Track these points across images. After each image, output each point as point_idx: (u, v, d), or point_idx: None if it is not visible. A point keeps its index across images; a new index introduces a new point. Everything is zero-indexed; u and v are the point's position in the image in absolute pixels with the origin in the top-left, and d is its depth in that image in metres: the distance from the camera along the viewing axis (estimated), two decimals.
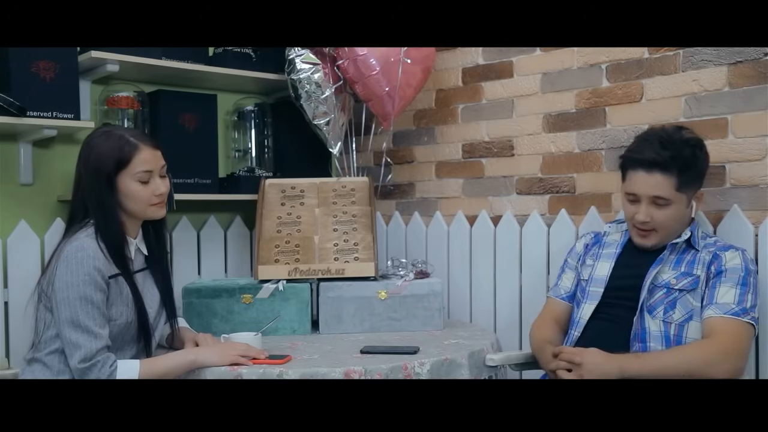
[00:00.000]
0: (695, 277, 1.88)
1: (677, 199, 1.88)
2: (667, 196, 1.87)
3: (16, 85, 2.22)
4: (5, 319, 2.36)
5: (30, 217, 2.44)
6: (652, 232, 1.92)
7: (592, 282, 2.03)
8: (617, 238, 2.08)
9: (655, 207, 1.89)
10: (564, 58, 2.49)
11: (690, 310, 1.87)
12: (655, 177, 1.87)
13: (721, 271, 1.86)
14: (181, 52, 2.63)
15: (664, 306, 1.88)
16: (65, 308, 1.77)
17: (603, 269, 2.03)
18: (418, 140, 2.97)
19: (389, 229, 3.03)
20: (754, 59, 2.07)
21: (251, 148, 2.91)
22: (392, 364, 1.87)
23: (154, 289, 1.98)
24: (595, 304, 1.99)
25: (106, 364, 1.76)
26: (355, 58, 2.57)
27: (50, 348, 1.83)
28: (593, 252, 2.11)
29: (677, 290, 1.88)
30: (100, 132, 1.93)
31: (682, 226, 1.94)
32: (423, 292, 2.37)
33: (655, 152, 1.86)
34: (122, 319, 1.86)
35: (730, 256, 1.88)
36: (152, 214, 1.93)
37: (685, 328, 1.86)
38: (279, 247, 2.46)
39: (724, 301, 1.82)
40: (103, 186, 1.85)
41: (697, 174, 1.91)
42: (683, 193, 1.88)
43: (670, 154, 1.85)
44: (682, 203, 1.90)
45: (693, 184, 1.90)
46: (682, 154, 1.86)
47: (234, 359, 1.87)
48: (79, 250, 1.80)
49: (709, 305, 1.84)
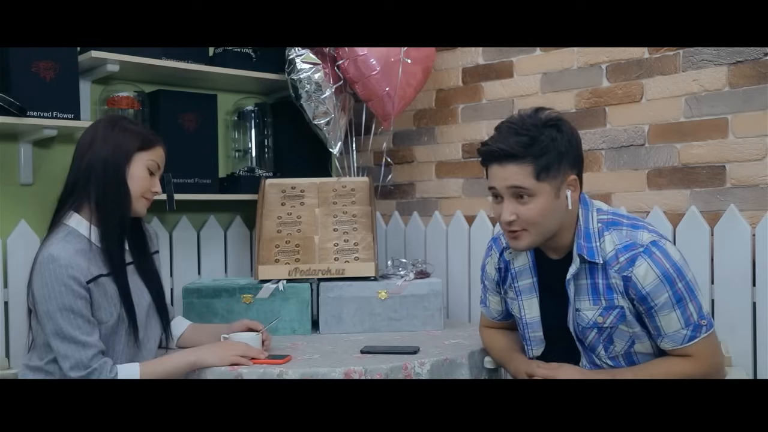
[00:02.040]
0: (619, 308, 1.68)
1: (540, 189, 1.64)
2: (525, 186, 1.64)
3: (16, 85, 2.22)
4: (5, 319, 2.36)
5: (30, 217, 2.44)
6: (523, 233, 1.69)
7: (529, 327, 1.84)
8: (525, 262, 1.83)
9: (517, 203, 1.66)
10: (564, 58, 2.49)
11: (628, 336, 1.71)
12: (509, 168, 1.65)
13: (644, 298, 1.64)
14: (181, 52, 2.63)
15: (602, 344, 1.73)
16: (48, 321, 1.75)
17: (532, 309, 1.83)
18: (418, 140, 2.97)
19: (389, 229, 3.03)
20: (754, 59, 2.07)
21: (251, 148, 2.91)
22: (392, 364, 1.87)
23: (143, 287, 1.95)
24: (542, 348, 1.84)
25: (105, 369, 1.75)
26: (355, 58, 2.57)
27: (49, 357, 1.81)
28: (509, 283, 1.88)
29: (608, 327, 1.70)
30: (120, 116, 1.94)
31: (556, 220, 1.69)
32: (423, 292, 2.37)
33: (505, 141, 1.65)
34: (112, 320, 1.83)
35: (641, 273, 1.63)
36: (139, 208, 1.90)
37: (632, 354, 1.73)
38: (279, 247, 2.46)
39: (673, 331, 1.65)
40: (121, 158, 1.85)
41: (558, 157, 1.65)
42: (546, 182, 1.64)
43: (521, 140, 1.64)
44: (548, 194, 1.65)
45: (556, 170, 1.65)
46: (537, 138, 1.64)
47: (234, 359, 1.87)
48: (51, 261, 1.75)
49: (659, 337, 1.67)
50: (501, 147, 1.65)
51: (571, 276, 1.70)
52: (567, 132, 1.68)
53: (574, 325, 1.74)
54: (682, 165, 2.22)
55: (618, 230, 1.69)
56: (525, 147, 1.63)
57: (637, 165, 2.32)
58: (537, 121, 1.67)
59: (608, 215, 1.74)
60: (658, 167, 2.27)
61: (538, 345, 1.84)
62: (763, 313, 2.02)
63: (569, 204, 1.68)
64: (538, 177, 1.64)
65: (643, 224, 1.72)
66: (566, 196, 1.68)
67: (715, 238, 2.11)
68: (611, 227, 1.70)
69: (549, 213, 1.67)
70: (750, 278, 2.04)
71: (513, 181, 1.65)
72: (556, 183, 1.66)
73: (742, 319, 2.04)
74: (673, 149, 2.24)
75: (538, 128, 1.66)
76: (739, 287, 2.05)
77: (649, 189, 2.29)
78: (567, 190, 1.68)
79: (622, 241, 1.68)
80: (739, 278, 2.05)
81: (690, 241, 2.13)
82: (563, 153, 1.66)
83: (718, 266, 2.09)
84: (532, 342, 1.85)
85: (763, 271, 2.01)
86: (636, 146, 2.32)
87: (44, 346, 1.82)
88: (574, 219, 1.72)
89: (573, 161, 1.69)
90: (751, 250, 2.04)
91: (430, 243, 2.86)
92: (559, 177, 1.66)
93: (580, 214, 1.72)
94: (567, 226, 1.72)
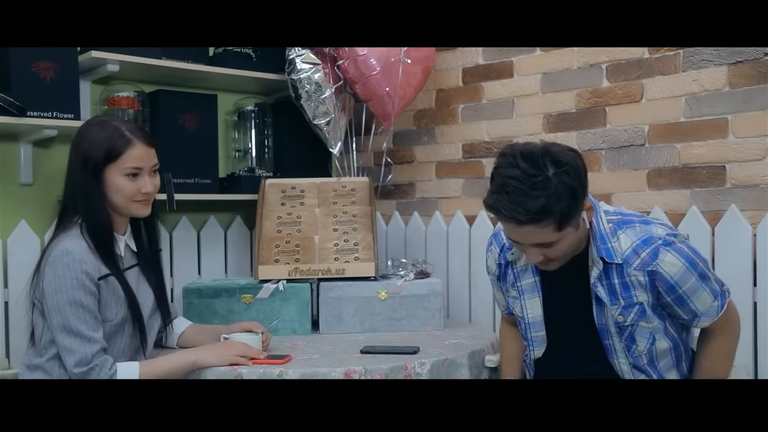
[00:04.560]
0: (639, 305, 1.68)
1: (563, 235, 1.59)
2: (549, 241, 1.59)
3: (16, 85, 2.22)
4: (5, 319, 2.37)
5: (30, 217, 2.44)
6: (552, 262, 1.67)
7: (531, 327, 1.83)
8: (527, 262, 1.80)
9: (542, 249, 1.62)
10: (564, 58, 2.49)
11: (649, 333, 1.71)
12: (528, 229, 1.56)
13: (673, 287, 1.65)
14: (181, 52, 2.63)
15: (624, 344, 1.73)
16: (56, 314, 1.76)
17: (534, 309, 1.82)
18: (418, 140, 2.97)
19: (389, 229, 3.03)
20: (754, 59, 2.07)
21: (251, 148, 2.91)
22: (392, 364, 1.87)
23: (148, 287, 1.96)
24: (543, 348, 1.84)
25: (105, 367, 1.75)
26: (355, 58, 2.57)
27: (50, 354, 1.82)
28: (512, 282, 1.86)
29: (629, 325, 1.71)
30: (96, 120, 1.91)
31: (581, 241, 1.69)
32: (423, 292, 2.37)
33: (518, 207, 1.52)
34: (118, 318, 1.85)
35: (667, 264, 1.63)
36: (135, 211, 1.89)
37: (653, 352, 1.74)
38: (279, 247, 2.46)
39: (707, 307, 1.69)
40: (89, 176, 1.83)
41: (573, 199, 1.56)
42: (568, 227, 1.59)
43: (536, 205, 1.52)
44: (572, 232, 1.61)
45: (576, 210, 1.58)
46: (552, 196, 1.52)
47: (233, 359, 1.87)
48: (65, 254, 1.77)
49: (696, 318, 1.71)
50: (515, 215, 1.53)
51: (595, 279, 1.70)
52: (573, 167, 1.56)
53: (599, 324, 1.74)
54: (682, 165, 2.22)
55: (632, 227, 1.69)
56: (542, 212, 1.53)
57: (637, 165, 2.32)
58: (546, 173, 1.53)
59: (617, 215, 1.74)
60: (659, 167, 2.27)
61: (539, 345, 1.84)
62: (763, 313, 2.02)
63: (587, 225, 1.67)
64: (560, 229, 1.57)
65: (653, 220, 1.74)
66: (583, 219, 1.65)
67: (715, 238, 2.11)
68: (624, 225, 1.70)
69: (573, 245, 1.66)
70: (751, 278, 2.04)
71: (535, 240, 1.59)
72: (576, 220, 1.60)
73: (742, 319, 2.02)
74: (673, 149, 2.24)
75: (550, 182, 1.53)
76: (739, 287, 2.04)
77: (650, 189, 2.29)
78: (584, 216, 1.65)
79: (639, 236, 1.67)
80: (739, 278, 2.05)
81: (691, 242, 2.12)
82: (578, 193, 1.57)
83: (719, 266, 2.09)
84: (534, 342, 1.85)
85: (763, 271, 2.01)
86: (636, 146, 2.32)
87: (47, 343, 1.82)
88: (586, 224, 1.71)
89: (584, 191, 1.60)
90: (751, 251, 2.04)
91: (430, 243, 2.86)
92: (578, 213, 1.60)
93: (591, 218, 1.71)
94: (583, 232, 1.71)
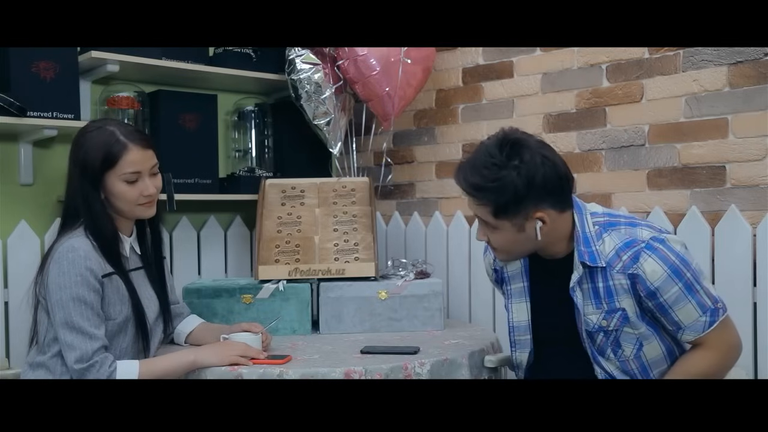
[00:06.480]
0: (621, 310, 1.66)
1: (499, 224, 1.64)
2: (485, 220, 1.66)
3: (16, 85, 2.22)
4: (5, 319, 2.36)
5: (30, 217, 2.44)
6: (497, 252, 1.73)
7: (515, 330, 1.86)
8: (517, 267, 1.83)
9: (485, 228, 1.69)
10: (564, 58, 2.49)
11: (635, 339, 1.69)
12: (470, 201, 1.67)
13: (653, 293, 1.62)
14: (181, 52, 2.63)
15: (611, 348, 1.71)
16: (59, 310, 1.77)
17: (520, 313, 1.84)
18: (418, 140, 2.97)
19: (389, 229, 3.03)
20: (754, 59, 2.07)
21: (251, 148, 2.91)
22: (392, 364, 1.86)
23: (152, 292, 1.98)
24: (527, 351, 1.85)
25: (105, 364, 1.76)
26: (355, 58, 2.57)
27: (52, 351, 1.83)
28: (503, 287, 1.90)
29: (613, 330, 1.69)
30: (93, 126, 1.91)
31: (528, 247, 1.70)
32: (423, 292, 2.37)
33: (463, 177, 1.64)
34: (120, 318, 1.86)
35: (648, 269, 1.61)
36: (140, 214, 1.91)
37: (642, 357, 1.71)
38: (279, 247, 2.46)
39: (692, 321, 1.63)
40: (88, 183, 1.84)
41: (515, 199, 1.59)
42: (504, 220, 1.63)
43: (473, 182, 1.61)
44: (509, 229, 1.64)
45: (515, 210, 1.61)
46: (490, 180, 1.59)
47: (233, 359, 1.87)
48: (70, 250, 1.79)
49: (679, 330, 1.66)
50: (459, 181, 1.66)
51: (574, 283, 1.70)
52: (529, 172, 1.58)
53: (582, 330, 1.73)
54: (682, 165, 2.22)
55: (616, 230, 1.68)
56: (477, 189, 1.62)
57: (637, 165, 2.32)
58: (496, 161, 1.59)
59: (604, 217, 1.72)
60: (659, 167, 2.27)
61: (522, 348, 1.86)
62: (763, 313, 2.02)
63: (538, 236, 1.64)
64: (495, 216, 1.63)
65: (641, 222, 1.71)
66: (535, 228, 1.64)
67: (715, 238, 2.11)
68: (609, 228, 1.69)
69: (515, 244, 1.68)
70: (751, 278, 2.04)
71: (475, 212, 1.68)
72: (517, 221, 1.63)
73: (742, 319, 2.03)
74: (673, 149, 2.24)
75: (497, 168, 1.59)
76: (739, 287, 2.05)
77: (650, 189, 2.29)
78: (536, 223, 1.63)
79: (622, 239, 1.66)
80: (739, 278, 2.05)
81: (691, 242, 2.10)
82: (523, 196, 1.59)
83: (719, 266, 2.09)
84: (517, 345, 1.87)
85: (763, 271, 2.01)
86: (636, 146, 2.32)
87: (50, 341, 1.83)
88: (568, 230, 1.70)
89: (539, 198, 1.61)
90: (751, 251, 2.04)
91: (430, 243, 2.86)
92: (520, 215, 1.62)
93: (576, 220, 1.70)
94: (560, 237, 1.70)
